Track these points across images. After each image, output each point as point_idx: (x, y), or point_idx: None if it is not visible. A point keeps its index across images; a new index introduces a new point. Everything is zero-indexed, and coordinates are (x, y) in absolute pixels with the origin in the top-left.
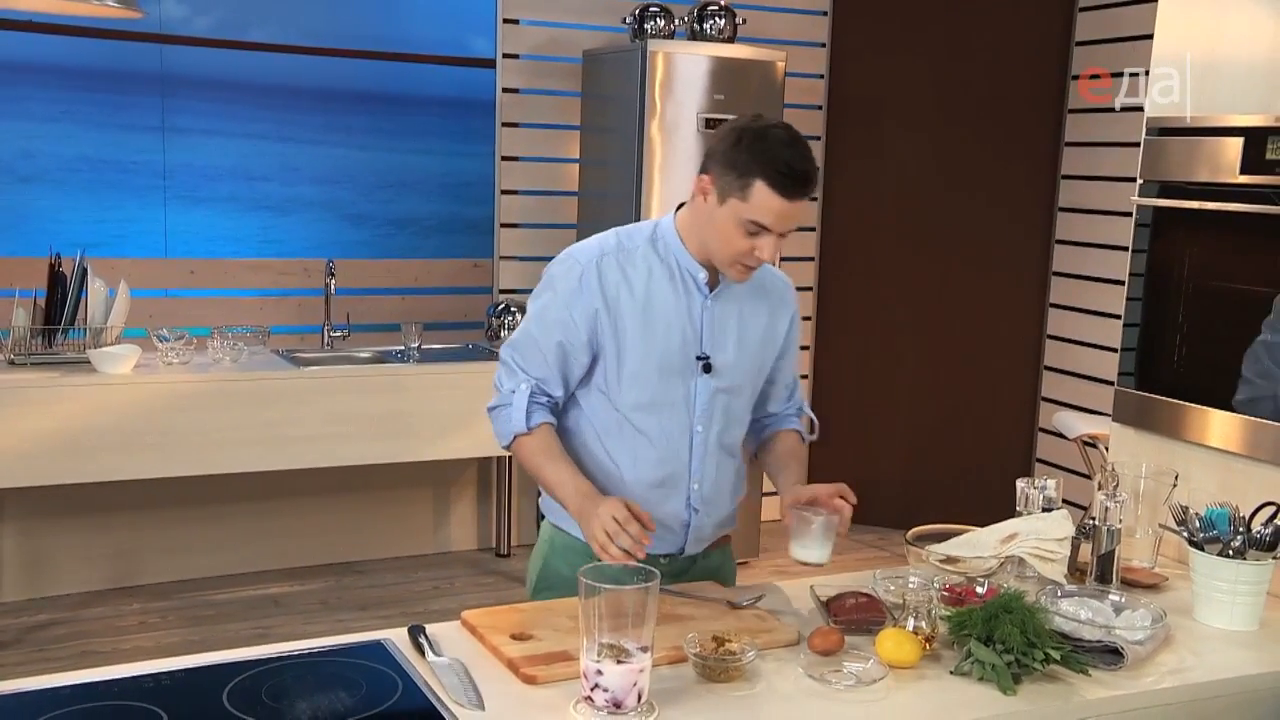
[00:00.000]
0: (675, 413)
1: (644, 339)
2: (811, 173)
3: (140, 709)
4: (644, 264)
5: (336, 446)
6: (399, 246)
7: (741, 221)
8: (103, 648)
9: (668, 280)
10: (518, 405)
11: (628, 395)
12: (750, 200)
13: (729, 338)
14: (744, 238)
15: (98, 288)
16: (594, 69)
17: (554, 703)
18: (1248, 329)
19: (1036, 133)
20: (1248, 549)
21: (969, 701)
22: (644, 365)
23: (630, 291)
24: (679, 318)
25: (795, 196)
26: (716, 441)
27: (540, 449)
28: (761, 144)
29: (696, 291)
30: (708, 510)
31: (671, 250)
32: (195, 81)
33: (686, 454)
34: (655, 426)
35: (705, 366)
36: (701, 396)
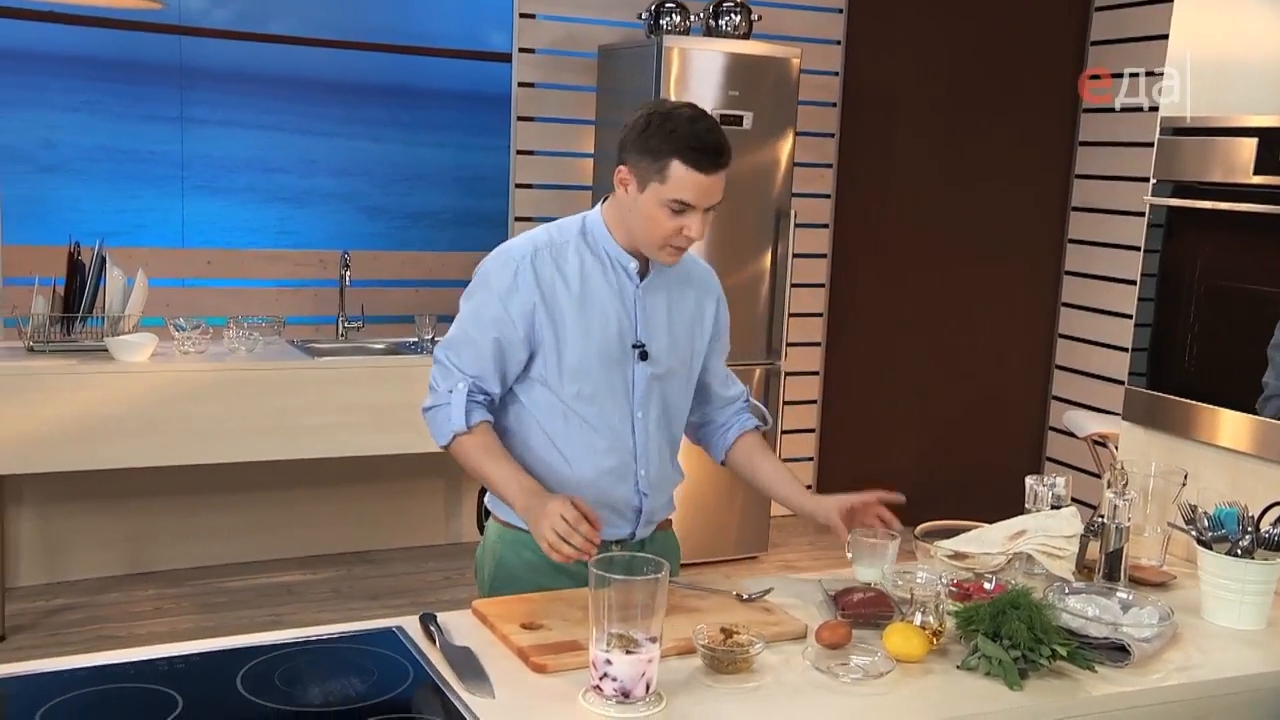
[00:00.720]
0: (617, 401)
1: (583, 330)
2: (723, 143)
3: (154, 691)
4: (576, 257)
5: (350, 437)
6: (414, 239)
7: (664, 203)
8: (118, 632)
9: (600, 272)
10: (456, 404)
11: (570, 386)
12: (669, 181)
13: (660, 325)
14: (670, 218)
15: (116, 276)
16: (609, 64)
17: (563, 691)
18: (1259, 329)
19: (1051, 132)
20: (1256, 548)
21: (975, 696)
22: (584, 356)
23: (566, 285)
24: (614, 307)
25: (711, 169)
26: (657, 426)
27: (481, 447)
28: (669, 124)
29: (628, 281)
30: (655, 494)
31: (601, 242)
32: (214, 73)
33: (631, 441)
34: (599, 416)
35: (641, 354)
36: (639, 384)
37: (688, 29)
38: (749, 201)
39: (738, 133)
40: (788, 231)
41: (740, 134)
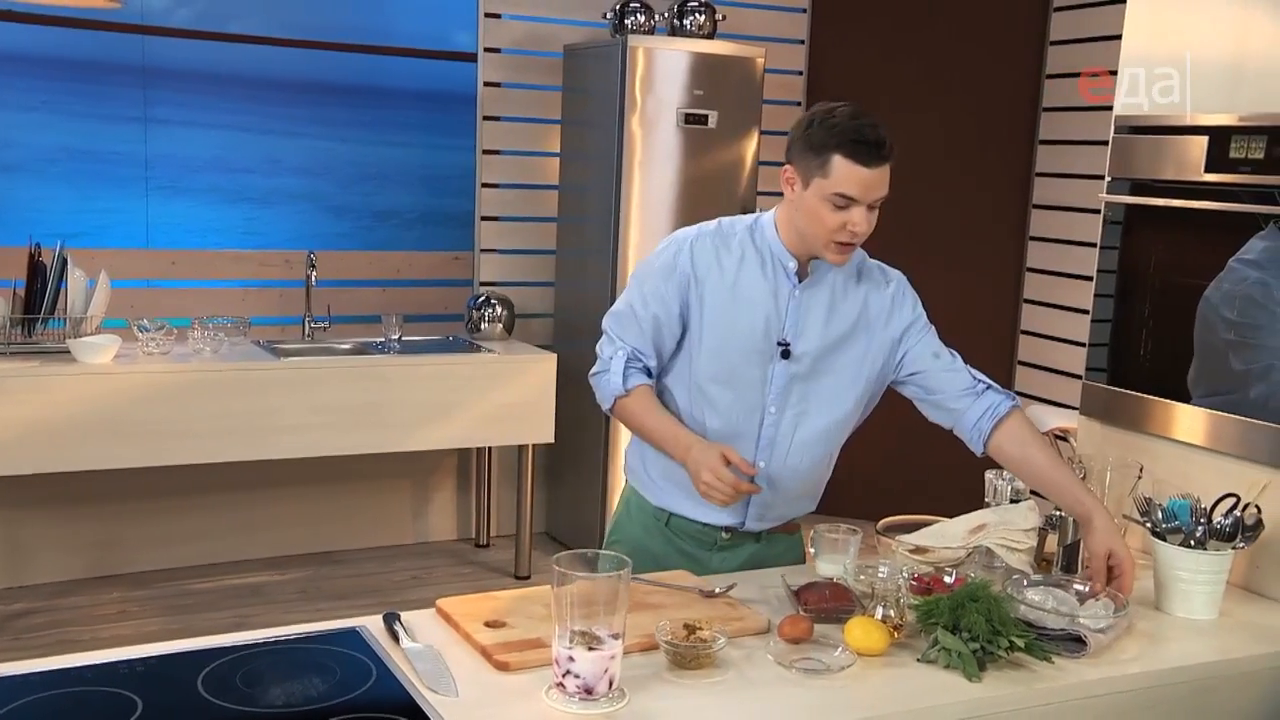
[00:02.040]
0: (749, 391)
1: (727, 318)
2: (884, 138)
3: (114, 695)
4: (739, 249)
5: (317, 437)
6: (380, 239)
7: (827, 197)
8: (81, 636)
9: (758, 266)
10: (615, 370)
11: (704, 367)
12: (831, 175)
13: (813, 326)
14: (833, 213)
15: (77, 278)
16: (575, 63)
17: (526, 689)
18: None
19: (1012, 130)
20: (1208, 539)
21: (935, 688)
22: (724, 341)
23: (720, 271)
24: (764, 302)
25: (873, 163)
26: (792, 426)
27: (640, 408)
28: (831, 120)
29: (785, 279)
30: (772, 490)
31: (767, 240)
32: (177, 73)
33: (755, 433)
34: (726, 400)
35: (784, 352)
36: (778, 380)
37: (652, 28)
38: (714, 200)
39: (702, 132)
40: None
41: (705, 133)
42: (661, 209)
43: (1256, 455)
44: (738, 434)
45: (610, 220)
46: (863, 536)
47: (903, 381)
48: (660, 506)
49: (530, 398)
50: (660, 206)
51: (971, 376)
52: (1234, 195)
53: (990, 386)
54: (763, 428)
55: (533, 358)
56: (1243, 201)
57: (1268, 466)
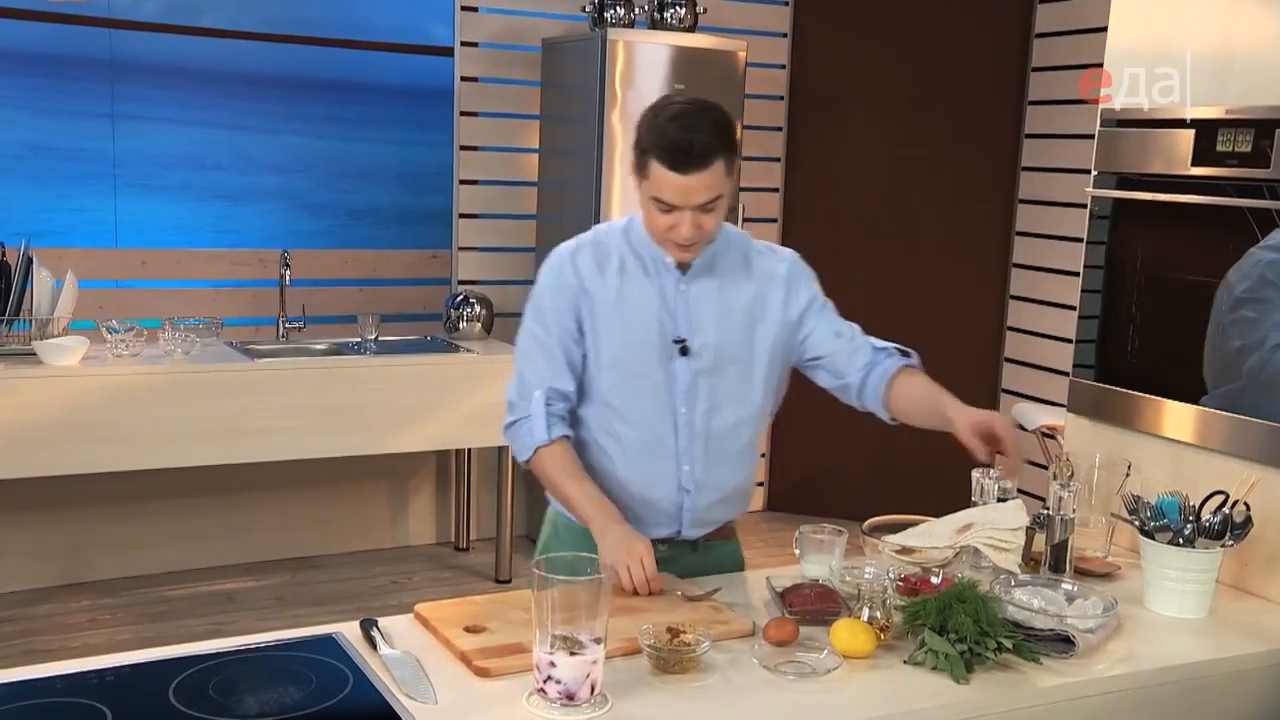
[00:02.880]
0: (656, 396)
1: (620, 326)
2: (697, 144)
3: (83, 706)
4: (617, 256)
5: (292, 440)
6: (356, 237)
7: (650, 199)
8: (50, 645)
9: (640, 269)
10: (535, 413)
11: (607, 381)
12: (650, 178)
13: (707, 318)
14: (659, 215)
15: (43, 278)
16: (553, 58)
17: (507, 695)
18: (1200, 319)
19: (997, 125)
20: (1197, 537)
21: (922, 690)
22: (621, 352)
23: (604, 282)
24: (652, 304)
25: (684, 169)
26: (705, 422)
27: (560, 467)
28: (653, 121)
29: (669, 274)
30: (702, 493)
31: (641, 240)
32: (146, 67)
33: (671, 437)
34: (636, 410)
35: (682, 349)
36: (682, 379)
37: (632, 22)
38: None
39: None
40: (736, 225)
41: None
42: None
43: (1245, 452)
44: (655, 441)
45: (591, 217)
46: (848, 537)
47: (809, 366)
48: None
49: None
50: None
51: (872, 349)
52: (1221, 189)
53: (890, 352)
54: (678, 430)
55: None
56: (1230, 195)
57: (1256, 463)
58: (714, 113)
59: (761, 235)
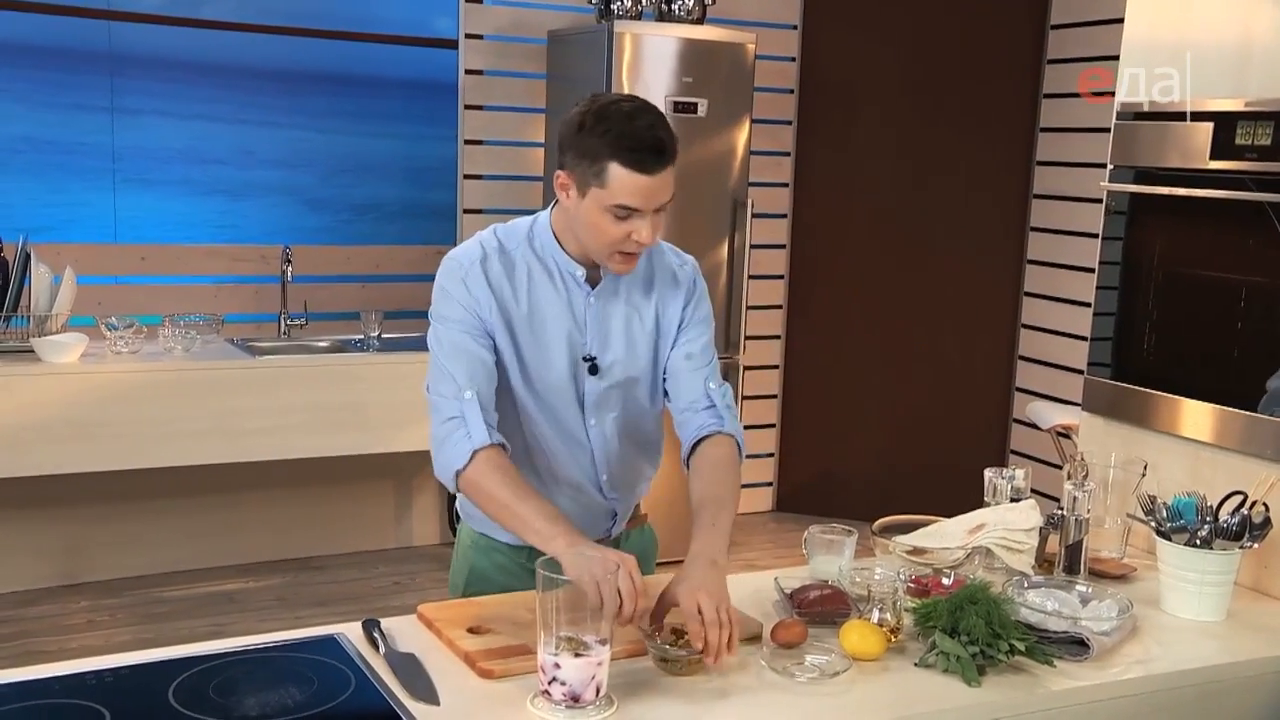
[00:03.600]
0: (570, 410)
1: (534, 343)
2: (664, 140)
3: (82, 707)
4: (524, 266)
5: (293, 438)
6: (359, 233)
7: (607, 209)
8: (48, 647)
9: (548, 281)
10: (470, 416)
11: (524, 394)
12: (609, 185)
13: (616, 334)
14: (615, 224)
15: (42, 274)
16: (559, 50)
17: (511, 697)
18: (1218, 317)
19: (1011, 118)
20: (1215, 539)
21: (933, 693)
22: (535, 367)
23: (514, 295)
24: (563, 319)
25: (653, 170)
26: (616, 430)
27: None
28: (605, 124)
29: (578, 289)
30: (623, 495)
31: (548, 250)
32: (146, 60)
33: (586, 448)
34: (554, 424)
35: (592, 368)
36: (591, 395)
37: (639, 13)
38: (704, 191)
39: (692, 120)
40: (744, 222)
41: (695, 121)
42: None
43: (1264, 452)
44: (574, 446)
45: None
46: (858, 537)
47: None
48: (518, 545)
49: None
50: None
51: (705, 390)
52: (1240, 183)
53: (711, 406)
54: (591, 440)
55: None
56: (1249, 189)
57: (1276, 463)
58: (654, 107)
59: (770, 231)
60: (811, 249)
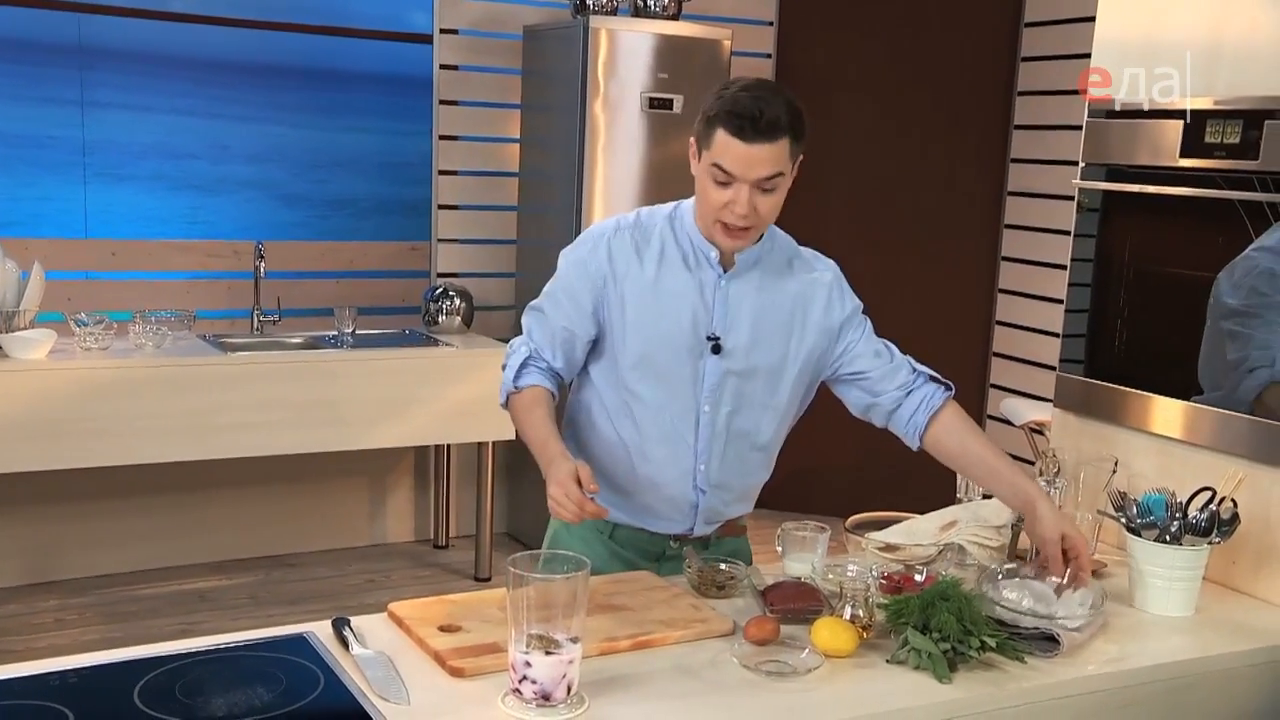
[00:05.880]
0: (681, 391)
1: (652, 316)
2: (766, 112)
3: (44, 708)
4: (658, 242)
5: (266, 435)
6: (333, 228)
7: (708, 169)
8: (15, 646)
9: (680, 259)
10: (511, 365)
11: (633, 372)
12: (713, 147)
13: (743, 319)
14: (716, 189)
15: (9, 269)
16: (535, 45)
17: (482, 696)
18: (1188, 313)
19: (985, 115)
20: (1184, 534)
21: (905, 690)
22: (650, 342)
23: (641, 268)
24: (689, 297)
25: (750, 138)
26: (726, 423)
27: (523, 409)
28: (724, 92)
29: (709, 269)
30: (717, 493)
31: (686, 229)
32: (116, 53)
33: (692, 434)
34: (658, 404)
35: (715, 347)
36: (710, 377)
37: (615, 9)
38: (680, 187)
39: (667, 116)
40: None
41: (670, 118)
42: (625, 196)
43: (1233, 448)
44: (674, 435)
45: (572, 208)
46: (831, 534)
47: (842, 380)
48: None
49: (490, 393)
50: (624, 194)
51: (911, 369)
52: (1211, 181)
53: (929, 377)
54: (699, 428)
55: (492, 352)
56: (1219, 187)
57: (1244, 459)
58: (786, 93)
59: None
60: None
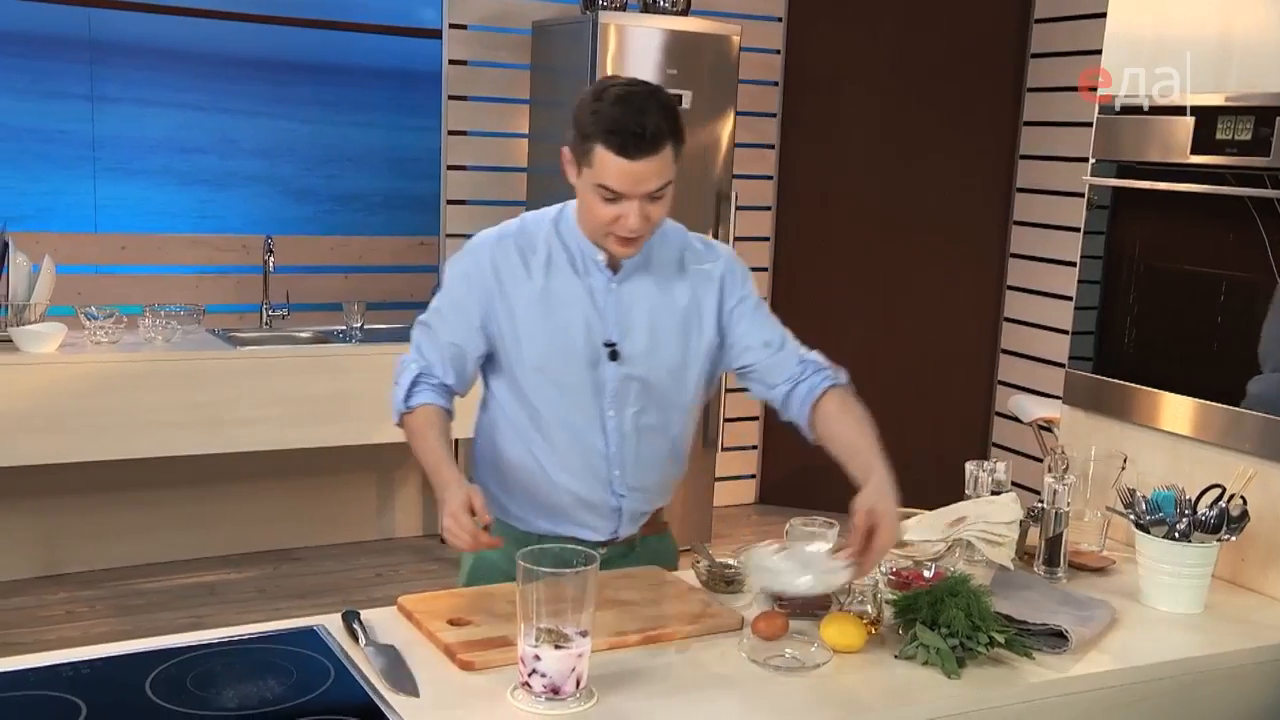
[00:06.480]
0: (583, 400)
1: (544, 327)
2: (647, 127)
3: (57, 699)
4: (544, 249)
5: (275, 429)
6: (342, 223)
7: (594, 188)
8: (24, 639)
9: (568, 265)
10: (401, 384)
11: (532, 385)
12: (595, 165)
13: (639, 322)
14: (604, 206)
15: (20, 263)
16: (544, 41)
17: (491, 689)
18: (1198, 311)
19: (995, 112)
20: (1193, 531)
21: (913, 685)
22: (545, 354)
23: (528, 278)
24: (580, 304)
25: (633, 155)
26: (635, 424)
27: (414, 430)
28: (597, 104)
29: (598, 274)
30: (636, 496)
31: (571, 234)
32: (126, 48)
33: (601, 441)
34: (563, 415)
35: (612, 354)
36: (611, 383)
37: (624, 4)
38: (688, 183)
39: None
40: (729, 214)
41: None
42: None
43: (1243, 445)
44: (584, 444)
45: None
46: (840, 529)
47: (739, 373)
48: (528, 531)
49: None
50: None
51: (798, 360)
52: (1221, 178)
53: (816, 369)
54: (607, 434)
55: None
56: (1230, 184)
57: (1254, 457)
58: (660, 95)
59: (754, 223)
60: (795, 242)
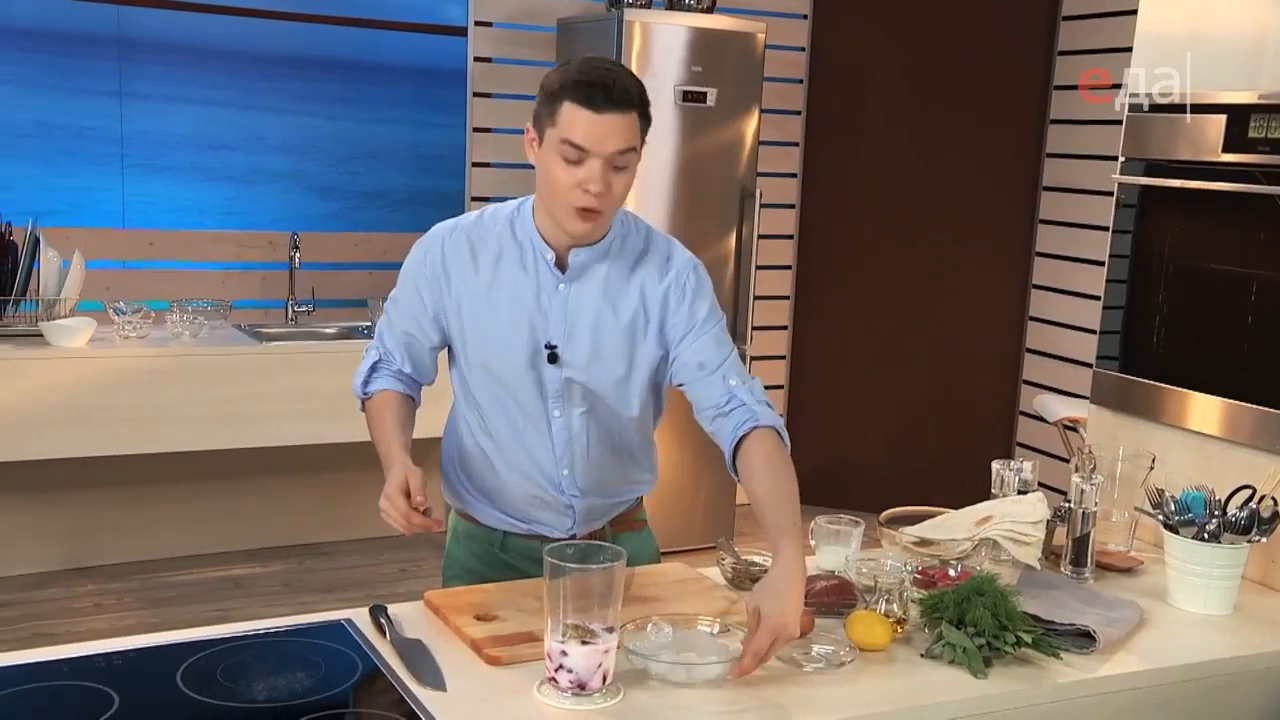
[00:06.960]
0: (526, 398)
1: (488, 324)
2: (617, 78)
3: (90, 689)
4: (495, 244)
5: (300, 425)
6: (367, 220)
7: (557, 148)
8: (55, 630)
9: (518, 261)
10: (361, 370)
11: (477, 381)
12: (559, 122)
13: (584, 325)
14: (566, 169)
15: (51, 258)
16: (569, 38)
17: (518, 684)
18: (1228, 310)
19: (1021, 110)
20: (1223, 532)
21: (939, 685)
22: (487, 352)
23: (476, 272)
24: (525, 302)
25: (601, 107)
26: (583, 425)
27: (373, 415)
28: (564, 68)
29: (547, 273)
30: (589, 494)
31: (525, 230)
32: (155, 45)
33: (548, 440)
34: (507, 413)
35: (551, 356)
36: (552, 384)
37: (649, 2)
38: (713, 181)
39: (701, 110)
40: (753, 212)
41: (704, 111)
42: (658, 190)
43: (1273, 445)
44: (531, 443)
45: None
46: (865, 528)
47: (678, 389)
48: (490, 526)
49: None
50: (657, 187)
51: (726, 392)
52: (1252, 176)
53: (740, 404)
54: (553, 433)
55: None
56: (1261, 183)
57: None
58: (630, 72)
59: (778, 221)
60: (819, 240)
